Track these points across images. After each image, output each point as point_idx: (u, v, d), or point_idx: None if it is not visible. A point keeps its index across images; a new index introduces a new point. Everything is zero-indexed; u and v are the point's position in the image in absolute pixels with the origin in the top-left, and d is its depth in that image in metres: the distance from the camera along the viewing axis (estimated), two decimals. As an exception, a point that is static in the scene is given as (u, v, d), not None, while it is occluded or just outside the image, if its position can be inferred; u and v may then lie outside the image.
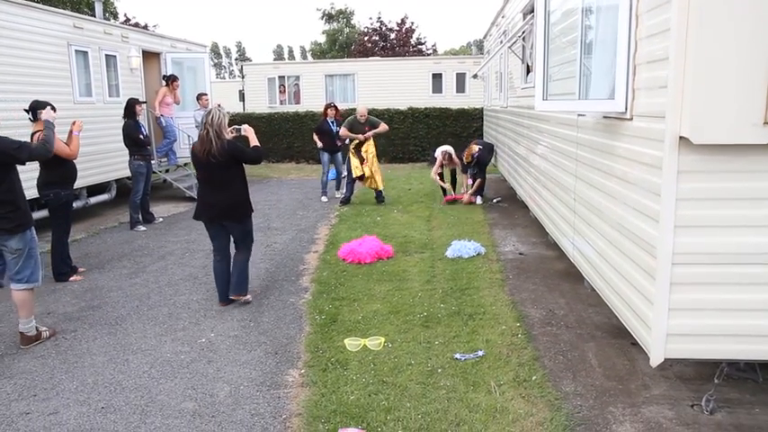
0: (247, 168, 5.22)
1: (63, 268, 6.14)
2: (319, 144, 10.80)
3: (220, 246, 5.25)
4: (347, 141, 10.41)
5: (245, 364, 4.11)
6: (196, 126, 10.97)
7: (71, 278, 6.14)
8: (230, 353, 4.31)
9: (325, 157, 10.75)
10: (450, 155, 10.04)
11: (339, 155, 10.92)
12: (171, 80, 11.21)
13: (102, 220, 9.53)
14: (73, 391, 3.77)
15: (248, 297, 5.30)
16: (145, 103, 9.51)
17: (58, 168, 5.93)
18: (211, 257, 6.88)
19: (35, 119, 5.79)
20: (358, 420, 3.31)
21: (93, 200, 9.66)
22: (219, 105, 11.07)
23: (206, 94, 11.24)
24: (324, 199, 10.75)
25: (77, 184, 8.92)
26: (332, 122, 10.63)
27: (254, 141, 5.20)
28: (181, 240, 7.86)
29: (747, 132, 2.74)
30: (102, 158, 9.62)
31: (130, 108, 8.42)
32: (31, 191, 6.72)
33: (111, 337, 4.62)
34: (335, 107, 10.80)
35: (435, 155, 10.32)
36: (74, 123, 6.13)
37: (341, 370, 3.95)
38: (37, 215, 8.06)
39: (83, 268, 6.48)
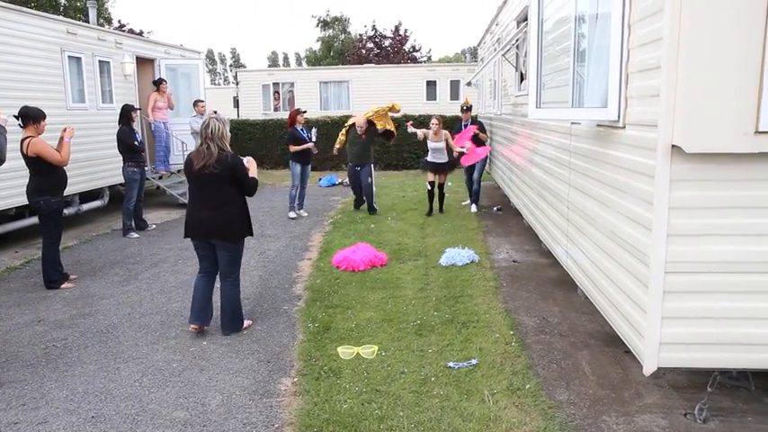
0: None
1: (54, 275, 6.09)
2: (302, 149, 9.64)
3: (209, 266, 4.78)
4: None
5: (237, 373, 4.08)
6: (192, 133, 10.91)
7: (62, 285, 6.09)
8: (222, 361, 4.28)
9: (298, 168, 9.68)
10: (439, 121, 9.33)
11: (309, 167, 9.96)
12: (158, 83, 11.16)
13: (95, 226, 9.47)
14: (62, 401, 3.73)
15: (248, 323, 4.92)
16: (140, 110, 9.48)
17: (48, 175, 5.87)
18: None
19: (24, 125, 5.76)
20: (351, 429, 3.29)
21: (85, 206, 9.60)
22: (216, 112, 10.86)
23: (203, 101, 11.06)
24: (292, 215, 9.79)
25: (70, 190, 8.90)
26: (302, 130, 9.70)
27: (253, 173, 4.74)
28: (174, 248, 7.82)
29: (739, 141, 2.76)
30: (94, 165, 9.58)
31: (125, 114, 8.41)
32: (20, 197, 6.70)
33: (103, 346, 4.58)
34: (304, 112, 9.91)
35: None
36: (65, 130, 6.08)
37: (334, 378, 3.93)
38: (27, 222, 8.05)
39: (74, 275, 6.43)
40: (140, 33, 30.30)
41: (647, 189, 3.05)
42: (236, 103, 22.57)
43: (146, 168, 9.19)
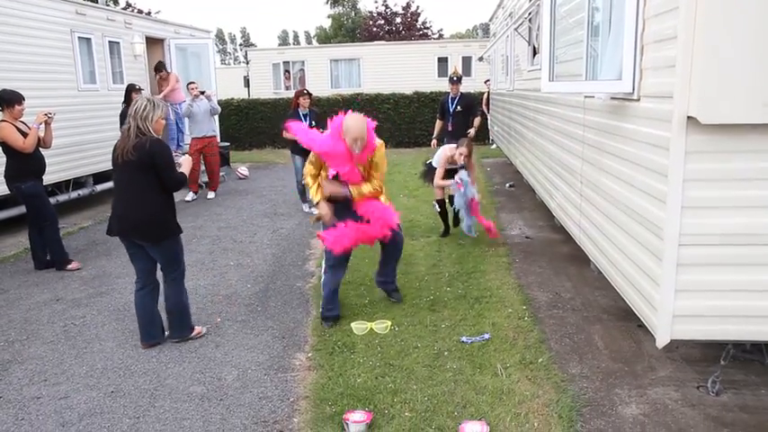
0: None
1: (62, 255, 6.04)
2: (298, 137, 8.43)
3: (141, 270, 4.14)
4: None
5: (252, 348, 4.14)
6: (180, 117, 10.91)
7: (69, 266, 6.03)
8: (237, 337, 4.34)
9: (298, 161, 8.28)
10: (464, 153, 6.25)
11: None
12: (156, 70, 11.09)
13: (109, 207, 9.53)
14: (83, 376, 3.81)
15: (198, 330, 4.33)
16: (142, 89, 9.41)
17: (18, 161, 5.72)
18: (218, 245, 6.96)
19: (1, 109, 5.67)
20: (365, 403, 3.33)
21: (99, 187, 9.68)
22: (204, 93, 10.33)
23: (194, 82, 10.12)
24: (306, 208, 8.53)
25: (83, 171, 9.01)
26: (305, 115, 8.23)
27: (183, 170, 4.18)
28: (187, 227, 7.87)
29: (757, 112, 2.71)
30: (106, 146, 9.59)
31: (128, 94, 8.48)
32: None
33: (120, 323, 4.66)
34: (309, 94, 8.38)
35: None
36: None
37: (348, 353, 3.97)
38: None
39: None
40: (148, 13, 30.19)
41: (661, 161, 3.02)
42: (247, 83, 22.54)
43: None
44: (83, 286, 5.58)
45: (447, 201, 6.75)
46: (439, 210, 6.83)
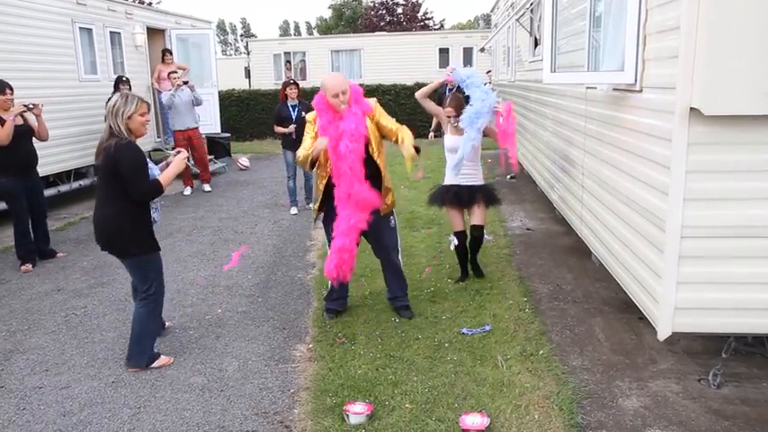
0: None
1: (20, 251, 5.87)
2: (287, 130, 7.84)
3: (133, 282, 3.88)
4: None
5: (253, 340, 4.14)
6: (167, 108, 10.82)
7: (21, 267, 5.80)
8: (238, 328, 4.34)
9: (289, 156, 7.85)
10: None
11: None
12: (163, 54, 11.10)
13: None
14: (84, 366, 3.82)
15: (163, 361, 3.78)
16: (127, 79, 9.33)
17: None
18: (219, 235, 6.98)
19: None
20: (365, 394, 3.34)
21: (100, 178, 9.68)
22: (187, 83, 10.09)
23: (175, 72, 9.75)
24: (293, 211, 8.03)
25: (84, 162, 9.00)
26: (293, 107, 7.87)
27: (164, 174, 3.70)
28: (188, 217, 7.88)
29: (760, 103, 2.69)
30: (108, 136, 9.61)
31: (116, 85, 8.52)
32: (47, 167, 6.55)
33: (121, 314, 4.66)
34: (297, 85, 8.03)
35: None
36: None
37: (348, 345, 3.97)
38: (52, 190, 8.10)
39: (62, 253, 6.26)
40: (149, 4, 30.03)
41: (664, 153, 3.00)
42: (248, 74, 22.46)
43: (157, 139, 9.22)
44: (84, 277, 5.59)
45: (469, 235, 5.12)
46: (457, 244, 5.05)
